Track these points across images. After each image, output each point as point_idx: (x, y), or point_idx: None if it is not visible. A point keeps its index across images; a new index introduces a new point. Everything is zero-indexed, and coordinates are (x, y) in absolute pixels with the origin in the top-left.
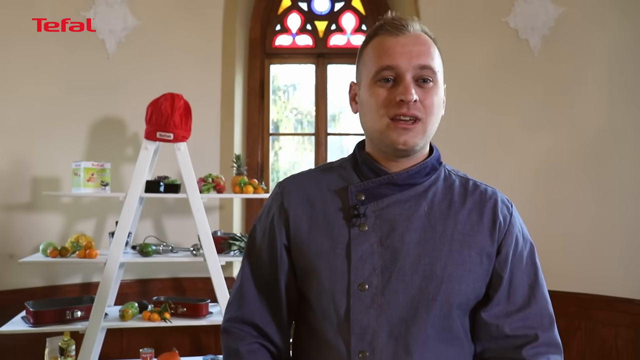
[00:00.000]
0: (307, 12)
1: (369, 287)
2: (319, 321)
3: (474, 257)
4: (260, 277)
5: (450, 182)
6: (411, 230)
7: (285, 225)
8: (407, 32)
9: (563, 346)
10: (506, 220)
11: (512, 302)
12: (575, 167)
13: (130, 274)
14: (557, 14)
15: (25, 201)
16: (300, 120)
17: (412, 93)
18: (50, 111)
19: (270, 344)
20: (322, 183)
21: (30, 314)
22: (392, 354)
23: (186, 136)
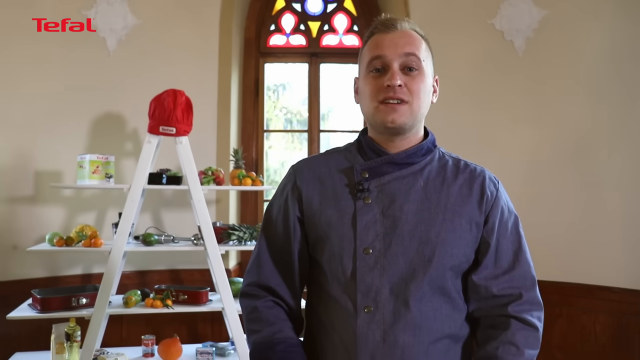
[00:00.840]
0: (300, 12)
1: (373, 251)
2: (329, 282)
3: (464, 225)
4: (275, 247)
5: (444, 162)
6: (409, 202)
7: (298, 200)
8: (395, 29)
9: (546, 331)
10: (493, 194)
11: (498, 265)
12: (558, 161)
13: (129, 266)
14: (540, 17)
15: (29, 194)
16: (290, 120)
17: (397, 78)
18: (52, 107)
19: (283, 303)
20: (330, 164)
21: (37, 301)
22: (393, 308)
23: (188, 130)
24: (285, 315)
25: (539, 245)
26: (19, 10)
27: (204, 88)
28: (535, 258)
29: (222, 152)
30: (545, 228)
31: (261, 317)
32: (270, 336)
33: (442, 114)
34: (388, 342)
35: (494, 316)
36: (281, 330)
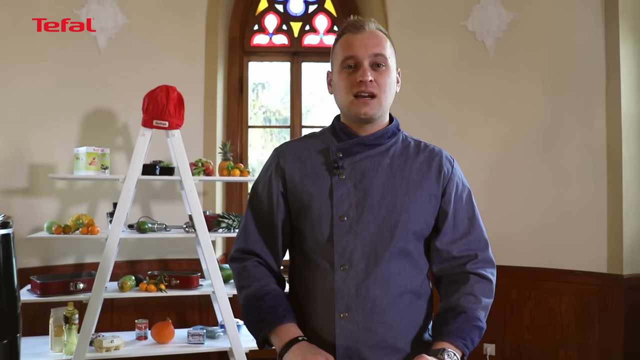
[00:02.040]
0: (282, 13)
1: (347, 218)
2: (310, 246)
3: (424, 196)
4: (260, 218)
5: (407, 143)
6: (377, 177)
7: (282, 178)
8: (364, 30)
9: (516, 314)
10: (449, 170)
11: (456, 231)
12: (527, 154)
13: (121, 255)
14: (510, 19)
15: (23, 186)
16: (268, 118)
17: (368, 75)
18: (46, 103)
19: (267, 265)
20: (309, 146)
21: (37, 286)
22: (364, 266)
23: (179, 124)
24: (269, 273)
25: (509, 233)
26: (14, 9)
27: (191, 85)
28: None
29: (209, 145)
30: (514, 217)
31: (249, 275)
32: (259, 289)
33: (418, 110)
34: (361, 295)
35: (454, 274)
36: (267, 284)
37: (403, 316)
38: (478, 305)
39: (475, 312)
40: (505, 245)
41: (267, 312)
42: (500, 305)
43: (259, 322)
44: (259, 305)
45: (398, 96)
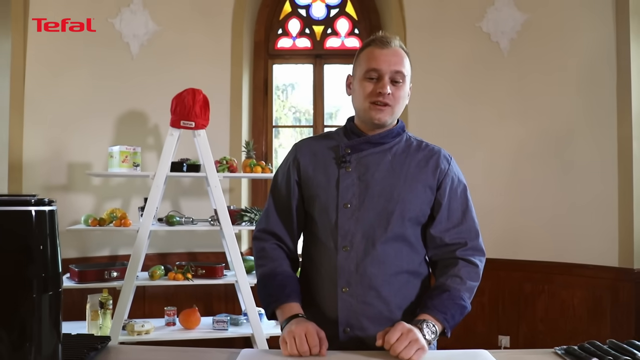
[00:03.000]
0: (305, 17)
1: (350, 206)
2: (319, 229)
3: (420, 188)
4: (279, 204)
5: (409, 143)
6: (379, 171)
7: (297, 169)
8: (389, 47)
9: (530, 306)
10: (445, 167)
11: (450, 221)
12: (541, 152)
13: (152, 248)
14: (523, 20)
15: (63, 183)
16: (298, 118)
17: (387, 89)
18: (83, 106)
19: (284, 246)
20: (322, 143)
21: (75, 274)
22: (363, 248)
23: (205, 124)
24: (285, 255)
25: (523, 228)
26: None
27: (217, 87)
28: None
29: (235, 144)
30: (529, 213)
31: (267, 255)
32: (272, 269)
33: (435, 110)
34: (359, 272)
35: (446, 259)
36: (281, 266)
37: (398, 292)
38: (463, 286)
39: (460, 292)
40: (519, 240)
41: (276, 290)
42: (514, 298)
43: (268, 298)
44: (270, 283)
45: (416, 96)
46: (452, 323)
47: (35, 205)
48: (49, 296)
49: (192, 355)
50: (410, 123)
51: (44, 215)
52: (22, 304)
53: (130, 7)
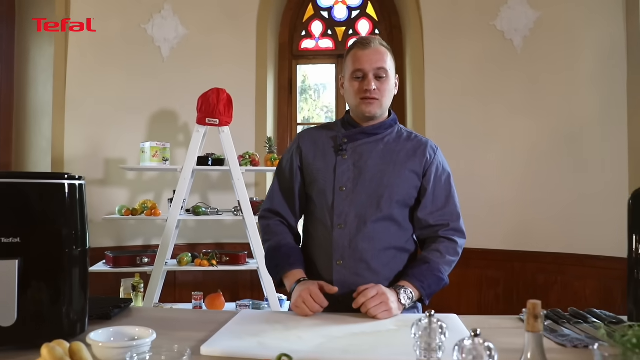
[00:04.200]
0: (328, 19)
1: (345, 189)
2: (317, 209)
3: (407, 174)
4: (283, 186)
5: (400, 134)
6: (371, 158)
7: (300, 156)
8: (370, 47)
9: (543, 297)
10: (431, 156)
11: (434, 205)
12: (553, 147)
13: (182, 239)
14: (536, 17)
15: (100, 177)
16: (331, 118)
17: (372, 85)
18: (118, 106)
19: (287, 223)
20: (323, 133)
21: (110, 260)
22: (356, 226)
23: (228, 122)
24: (288, 230)
25: (538, 221)
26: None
27: (243, 86)
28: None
29: (260, 140)
30: (541, 206)
31: (272, 231)
32: (277, 242)
33: (450, 109)
34: (352, 247)
35: (431, 238)
36: (285, 239)
37: (386, 265)
38: (441, 259)
39: (438, 264)
40: (532, 232)
41: (281, 260)
42: (528, 289)
43: (275, 267)
44: (276, 254)
45: (432, 95)
46: (429, 291)
47: (68, 179)
48: (79, 251)
49: (199, 315)
50: (427, 121)
51: (75, 188)
52: (58, 257)
53: (161, 13)
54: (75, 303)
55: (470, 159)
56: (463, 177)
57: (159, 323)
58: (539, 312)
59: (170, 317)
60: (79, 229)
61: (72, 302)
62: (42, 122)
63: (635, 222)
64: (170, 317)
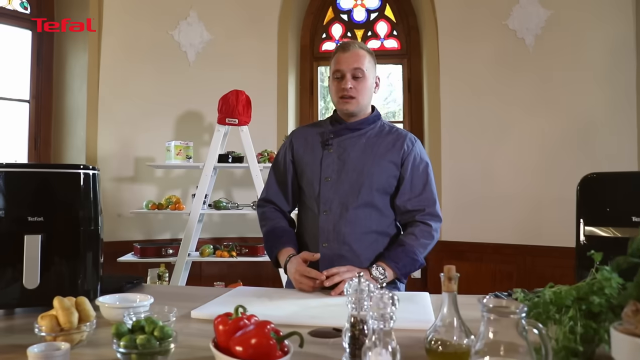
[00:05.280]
0: (347, 21)
1: (330, 179)
2: (306, 197)
3: (386, 164)
4: (278, 178)
5: (382, 128)
6: (354, 151)
7: (292, 150)
8: (349, 50)
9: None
10: (409, 147)
11: (412, 192)
12: (565, 144)
13: (207, 233)
14: (547, 16)
15: (130, 175)
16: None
17: (349, 84)
18: (147, 107)
19: (280, 210)
20: (313, 130)
21: (138, 250)
22: (339, 212)
23: (247, 121)
24: (282, 216)
25: (552, 216)
26: (123, 31)
27: (265, 88)
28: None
29: (281, 139)
30: (555, 202)
31: (267, 217)
32: (272, 226)
33: (465, 107)
34: (336, 231)
35: (409, 223)
36: (278, 223)
37: (368, 248)
38: (416, 242)
39: (413, 247)
40: (544, 226)
41: (275, 241)
42: (541, 283)
43: (271, 248)
44: (271, 236)
45: (448, 93)
46: (404, 271)
47: (83, 169)
48: (91, 229)
49: (202, 291)
50: (442, 119)
51: (89, 176)
52: (74, 233)
53: (187, 20)
54: (88, 272)
55: (484, 155)
56: (477, 173)
57: (163, 295)
58: (452, 274)
59: (175, 291)
60: (92, 211)
61: (86, 271)
62: (78, 123)
63: (583, 207)
64: (175, 291)
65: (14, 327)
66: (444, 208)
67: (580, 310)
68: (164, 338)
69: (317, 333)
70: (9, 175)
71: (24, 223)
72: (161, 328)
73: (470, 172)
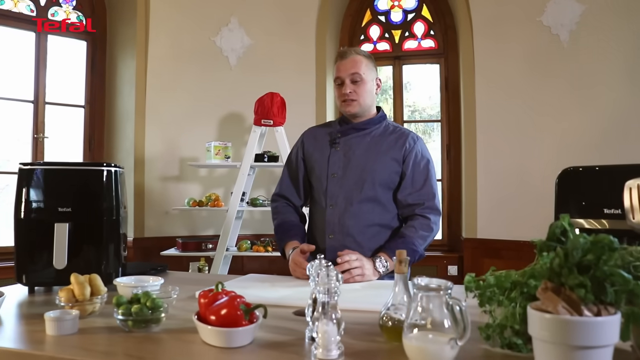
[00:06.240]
0: (385, 23)
1: (336, 175)
2: (315, 192)
3: (388, 161)
4: (290, 174)
5: (387, 128)
6: (359, 149)
7: (302, 149)
8: (347, 57)
9: None
10: (410, 145)
11: (413, 187)
12: (599, 139)
13: (247, 229)
14: (581, 11)
15: (175, 174)
16: (414, 116)
17: (348, 89)
18: (191, 110)
19: (292, 205)
20: (322, 130)
21: (180, 245)
22: (344, 206)
23: (282, 122)
24: (293, 210)
25: None
26: (163, 39)
27: (304, 89)
28: None
29: None
30: None
31: (279, 211)
32: (282, 220)
33: (498, 103)
34: (341, 223)
35: (409, 216)
36: (288, 217)
37: (371, 239)
38: (415, 234)
39: (412, 238)
40: None
41: (283, 234)
42: None
43: (279, 240)
44: (280, 230)
45: (483, 91)
46: None
47: (106, 166)
48: (113, 219)
49: (222, 279)
50: (478, 117)
51: (111, 173)
52: (98, 222)
53: (228, 26)
54: (110, 256)
55: (519, 153)
56: (511, 171)
57: (183, 281)
58: (403, 258)
59: (194, 278)
60: (114, 203)
61: (108, 255)
62: (127, 126)
63: (562, 201)
64: (194, 278)
65: (47, 300)
66: (479, 206)
67: (522, 293)
68: (155, 308)
69: (300, 312)
70: (45, 172)
71: (54, 213)
72: (153, 300)
73: (506, 170)
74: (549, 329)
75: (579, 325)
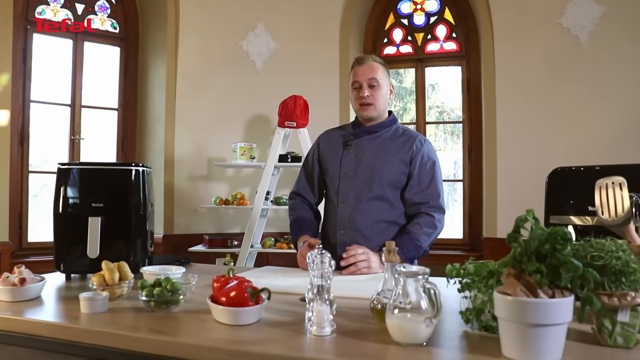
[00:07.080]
0: (407, 26)
1: (348, 175)
2: (329, 191)
3: (396, 162)
4: (306, 173)
5: (396, 131)
6: (370, 151)
7: (318, 150)
8: (364, 64)
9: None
10: (418, 147)
11: (419, 187)
12: (619, 141)
13: (272, 227)
14: (601, 12)
15: (203, 174)
16: (442, 117)
17: (365, 93)
18: (219, 112)
19: (307, 203)
20: (337, 132)
21: (207, 241)
22: (354, 203)
23: (305, 124)
24: (308, 208)
25: None
26: (192, 44)
27: (328, 92)
28: None
29: None
30: None
31: (295, 208)
32: (297, 216)
33: (522, 105)
34: (351, 219)
35: (415, 214)
36: (303, 214)
37: (379, 235)
38: (420, 230)
39: (417, 235)
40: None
41: (298, 229)
42: None
43: (294, 234)
44: (294, 225)
45: (504, 92)
46: (409, 256)
47: (135, 166)
48: (140, 214)
49: (241, 270)
50: (498, 119)
51: (139, 172)
52: (127, 216)
53: (254, 31)
54: (138, 247)
55: (539, 154)
56: (530, 172)
57: (201, 270)
58: (392, 248)
59: (214, 269)
60: (142, 199)
61: (136, 246)
62: (158, 128)
63: (552, 200)
64: (214, 269)
65: (81, 285)
66: (499, 206)
67: (498, 280)
68: (174, 291)
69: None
70: (80, 171)
71: (89, 208)
72: (173, 284)
73: (526, 171)
74: (509, 309)
75: (533, 305)
